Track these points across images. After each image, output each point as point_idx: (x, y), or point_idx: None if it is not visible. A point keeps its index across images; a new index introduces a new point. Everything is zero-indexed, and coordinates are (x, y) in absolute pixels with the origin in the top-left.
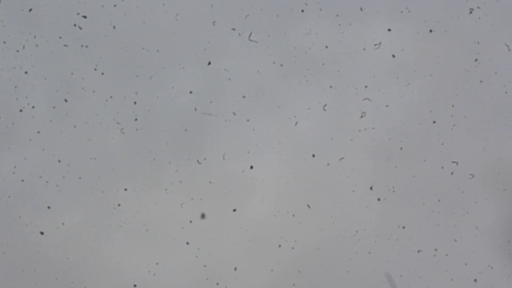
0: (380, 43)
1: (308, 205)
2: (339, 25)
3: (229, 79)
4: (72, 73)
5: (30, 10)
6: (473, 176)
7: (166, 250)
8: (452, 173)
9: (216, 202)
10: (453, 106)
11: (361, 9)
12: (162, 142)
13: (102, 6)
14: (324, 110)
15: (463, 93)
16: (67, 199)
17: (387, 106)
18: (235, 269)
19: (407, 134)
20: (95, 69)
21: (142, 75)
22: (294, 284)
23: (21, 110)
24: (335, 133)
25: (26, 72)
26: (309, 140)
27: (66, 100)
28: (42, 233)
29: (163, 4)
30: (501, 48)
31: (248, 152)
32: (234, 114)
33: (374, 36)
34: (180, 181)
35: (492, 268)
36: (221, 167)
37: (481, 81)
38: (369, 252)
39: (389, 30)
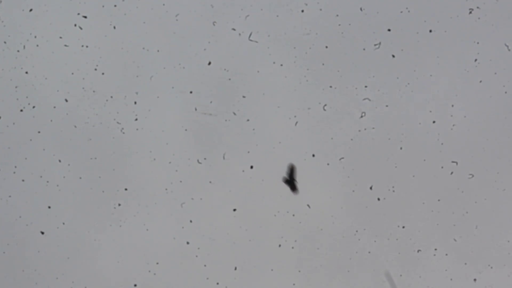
0: (380, 43)
1: (308, 205)
2: (339, 25)
3: (229, 79)
4: (72, 73)
5: (31, 10)
6: (473, 176)
7: (166, 250)
8: (452, 173)
9: (216, 202)
10: (453, 106)
11: (361, 9)
12: (162, 142)
13: (102, 6)
14: (324, 110)
15: (463, 93)
16: (67, 199)
17: (387, 106)
18: (235, 269)
19: (407, 134)
20: (95, 69)
21: (142, 75)
22: (294, 284)
23: (21, 110)
24: (335, 133)
25: (26, 72)
26: (309, 140)
27: (66, 100)
28: (42, 233)
29: (163, 4)
30: (501, 48)
31: (248, 152)
32: (234, 114)
33: (374, 36)
34: (180, 181)
35: (492, 268)
36: (221, 167)
37: (480, 81)
38: (369, 252)
39: (389, 30)
